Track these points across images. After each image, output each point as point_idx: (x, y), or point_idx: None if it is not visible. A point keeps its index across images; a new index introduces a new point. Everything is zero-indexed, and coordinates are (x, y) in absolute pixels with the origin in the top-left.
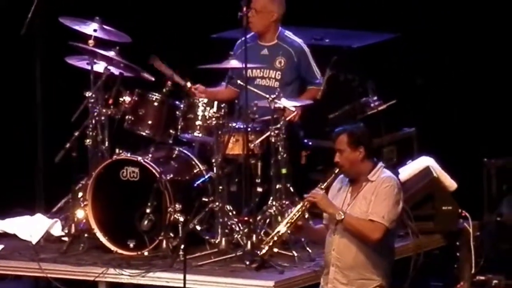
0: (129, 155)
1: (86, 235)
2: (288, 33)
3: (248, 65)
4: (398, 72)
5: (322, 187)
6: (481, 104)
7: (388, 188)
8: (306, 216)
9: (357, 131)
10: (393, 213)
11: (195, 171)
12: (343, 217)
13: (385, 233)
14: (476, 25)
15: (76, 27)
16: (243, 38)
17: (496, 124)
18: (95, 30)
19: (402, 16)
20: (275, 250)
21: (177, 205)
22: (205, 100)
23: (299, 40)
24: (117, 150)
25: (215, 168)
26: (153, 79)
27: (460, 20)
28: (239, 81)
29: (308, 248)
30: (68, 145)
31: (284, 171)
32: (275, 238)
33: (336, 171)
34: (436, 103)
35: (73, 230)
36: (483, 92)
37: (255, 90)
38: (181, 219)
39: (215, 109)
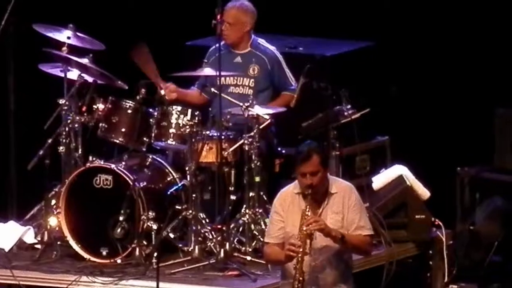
0: (102, 162)
1: (59, 242)
2: (261, 41)
3: (223, 73)
4: (371, 81)
5: (309, 213)
6: (455, 113)
7: (356, 199)
8: None
9: (321, 149)
10: (368, 219)
11: (168, 179)
12: (343, 236)
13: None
14: (450, 34)
15: (50, 34)
16: (216, 45)
17: (470, 133)
18: (68, 38)
19: (376, 25)
20: (249, 258)
21: (150, 213)
22: (179, 108)
23: (272, 48)
24: (90, 158)
25: (188, 176)
26: (126, 87)
27: (435, 28)
28: (212, 89)
29: None
30: (41, 152)
31: (257, 179)
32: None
33: (309, 192)
34: (410, 112)
35: (46, 237)
36: (457, 101)
37: (229, 98)
38: (154, 227)
39: (188, 117)
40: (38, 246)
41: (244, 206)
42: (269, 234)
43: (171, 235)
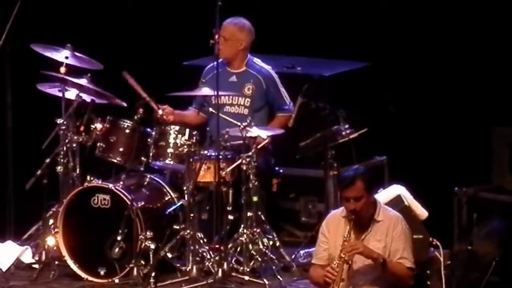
0: (100, 182)
1: (56, 262)
2: (257, 60)
3: (220, 93)
4: (369, 101)
5: (350, 238)
6: (452, 133)
7: (402, 229)
8: None
9: (368, 174)
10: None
11: (166, 198)
12: (386, 261)
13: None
14: (448, 54)
15: (48, 54)
16: (212, 64)
17: (468, 153)
18: (66, 57)
19: (373, 45)
20: (246, 278)
21: (148, 233)
22: (177, 128)
23: (267, 67)
24: (88, 177)
25: (186, 196)
26: (125, 104)
27: (432, 49)
28: (210, 109)
29: (279, 276)
30: (39, 172)
31: (255, 199)
32: None
33: (352, 217)
34: (408, 132)
35: (43, 257)
36: (455, 120)
37: (227, 118)
38: (152, 246)
39: (186, 136)
40: (36, 265)
41: (242, 225)
42: (315, 255)
43: (169, 255)
